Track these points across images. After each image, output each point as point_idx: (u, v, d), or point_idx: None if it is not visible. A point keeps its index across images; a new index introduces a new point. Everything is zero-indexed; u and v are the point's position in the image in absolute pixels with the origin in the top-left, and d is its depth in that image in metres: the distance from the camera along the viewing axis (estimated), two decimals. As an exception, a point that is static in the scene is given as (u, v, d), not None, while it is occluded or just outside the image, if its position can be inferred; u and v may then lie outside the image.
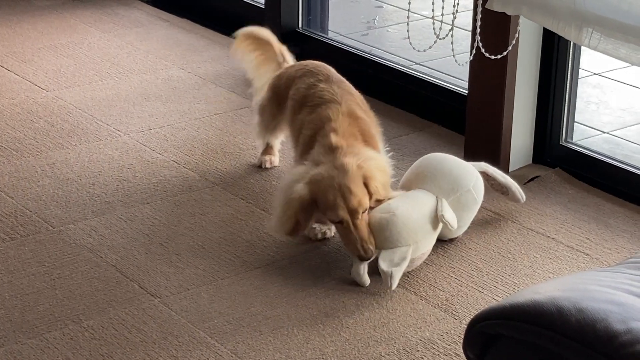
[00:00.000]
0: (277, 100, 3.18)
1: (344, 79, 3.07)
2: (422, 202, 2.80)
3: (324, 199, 2.71)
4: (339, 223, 2.72)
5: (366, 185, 2.73)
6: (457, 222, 2.84)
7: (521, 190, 3.08)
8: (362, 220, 2.70)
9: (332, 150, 2.78)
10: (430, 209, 2.79)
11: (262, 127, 3.27)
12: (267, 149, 3.34)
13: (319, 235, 2.95)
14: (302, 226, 2.77)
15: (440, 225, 2.81)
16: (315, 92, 2.98)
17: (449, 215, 2.80)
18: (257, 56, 3.39)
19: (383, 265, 2.69)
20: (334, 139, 2.80)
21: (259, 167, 3.33)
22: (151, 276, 2.78)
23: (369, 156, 2.79)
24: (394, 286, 2.69)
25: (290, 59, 3.35)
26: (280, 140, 3.35)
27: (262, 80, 3.35)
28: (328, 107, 2.90)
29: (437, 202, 2.82)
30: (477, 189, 2.92)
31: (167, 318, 2.61)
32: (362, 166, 2.73)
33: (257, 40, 3.39)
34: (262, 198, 3.17)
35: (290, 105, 3.08)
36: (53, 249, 2.89)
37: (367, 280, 2.73)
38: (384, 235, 2.72)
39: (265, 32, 3.39)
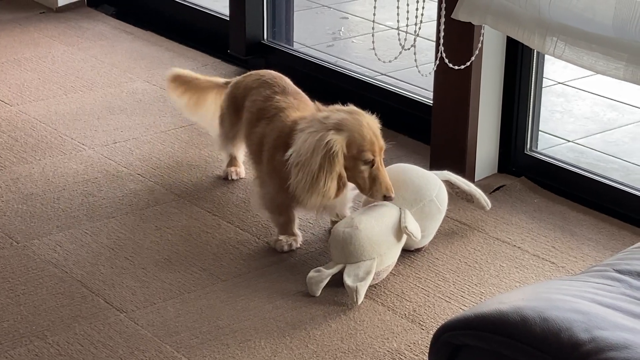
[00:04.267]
0: (234, 109, 3.16)
1: (300, 91, 3.07)
2: (385, 214, 2.80)
3: (361, 140, 2.71)
4: (368, 164, 2.73)
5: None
6: (421, 232, 2.84)
7: (486, 197, 3.09)
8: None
9: (323, 116, 2.78)
10: (393, 221, 2.79)
11: (223, 137, 3.26)
12: (232, 161, 3.33)
13: (285, 248, 2.94)
14: (344, 181, 2.75)
15: (405, 236, 2.82)
16: (272, 104, 2.98)
17: (412, 226, 2.80)
18: (190, 99, 3.36)
19: (348, 280, 2.69)
20: (315, 112, 2.83)
21: (225, 179, 3.32)
22: (117, 291, 2.76)
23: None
24: (360, 301, 2.69)
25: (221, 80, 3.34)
26: (243, 151, 3.32)
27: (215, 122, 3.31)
28: (285, 113, 2.90)
29: (401, 213, 2.82)
30: (440, 198, 2.93)
31: (133, 333, 2.59)
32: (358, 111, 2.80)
33: (183, 82, 3.36)
34: (229, 210, 3.16)
35: (246, 118, 3.06)
36: (17, 265, 2.87)
37: (318, 291, 2.74)
38: (348, 250, 2.72)
39: (186, 72, 3.39)
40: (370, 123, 2.77)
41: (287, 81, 3.09)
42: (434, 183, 2.93)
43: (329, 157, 2.69)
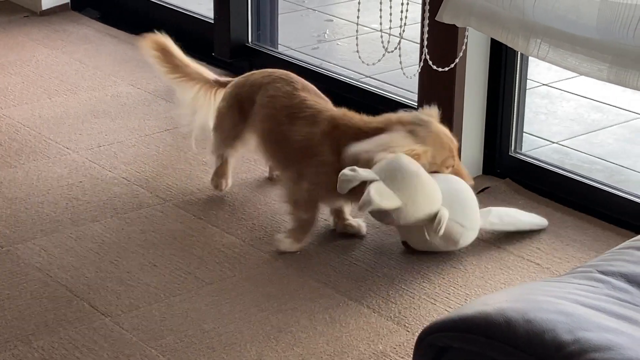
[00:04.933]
0: (238, 108, 3.14)
1: (316, 89, 3.09)
2: (453, 185, 2.93)
3: (442, 153, 2.90)
4: (450, 167, 2.93)
5: None
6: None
7: (537, 221, 3.11)
8: None
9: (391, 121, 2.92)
10: (447, 198, 2.89)
11: (220, 138, 3.20)
12: (222, 168, 3.24)
13: (287, 249, 2.97)
14: None
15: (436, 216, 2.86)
16: (303, 102, 2.99)
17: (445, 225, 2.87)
18: (177, 79, 3.33)
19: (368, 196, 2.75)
20: (376, 118, 2.95)
21: (216, 187, 3.25)
22: (102, 295, 2.75)
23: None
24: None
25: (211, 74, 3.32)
26: (238, 156, 3.29)
27: (202, 111, 3.30)
28: (328, 115, 2.96)
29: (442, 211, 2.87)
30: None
31: (118, 337, 2.58)
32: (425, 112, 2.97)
33: (167, 55, 3.33)
34: (214, 213, 3.16)
35: (264, 114, 3.04)
36: (1, 269, 2.86)
37: (346, 189, 2.78)
38: (393, 173, 2.78)
39: (173, 47, 3.34)
40: (444, 130, 2.94)
41: (300, 78, 3.10)
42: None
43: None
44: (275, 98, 3.02)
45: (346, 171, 2.76)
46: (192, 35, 4.43)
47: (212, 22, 4.27)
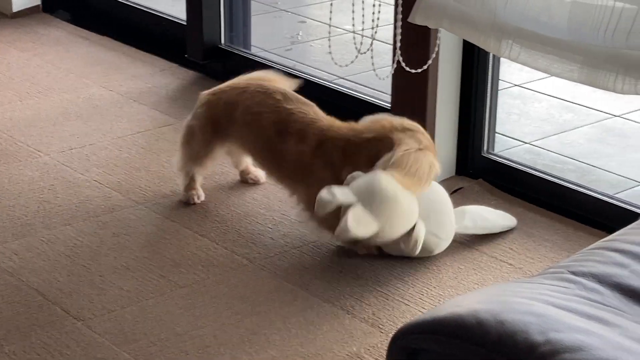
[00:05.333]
0: (212, 128, 3.09)
1: (294, 94, 3.06)
2: (436, 204, 2.94)
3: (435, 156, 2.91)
4: None
5: None
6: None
7: (506, 221, 3.12)
8: None
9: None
10: (423, 211, 2.89)
11: (188, 157, 3.16)
12: (191, 183, 3.20)
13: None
14: None
15: (412, 231, 2.86)
16: (289, 116, 2.94)
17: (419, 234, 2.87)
18: None
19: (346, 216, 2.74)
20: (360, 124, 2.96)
21: (187, 203, 3.19)
22: (74, 299, 2.74)
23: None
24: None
25: None
26: (206, 173, 3.26)
27: None
28: (318, 126, 2.93)
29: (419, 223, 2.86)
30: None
31: (91, 341, 2.57)
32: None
33: None
34: (187, 216, 3.15)
35: (252, 132, 3.00)
36: (-27, 274, 2.84)
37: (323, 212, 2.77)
38: (371, 192, 2.77)
39: None
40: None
41: (277, 84, 3.07)
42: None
43: (430, 167, 2.87)
44: (261, 115, 2.98)
45: (323, 194, 2.72)
46: (164, 37, 4.42)
47: (185, 23, 4.26)
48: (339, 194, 2.72)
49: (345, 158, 2.87)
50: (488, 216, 3.06)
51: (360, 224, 2.72)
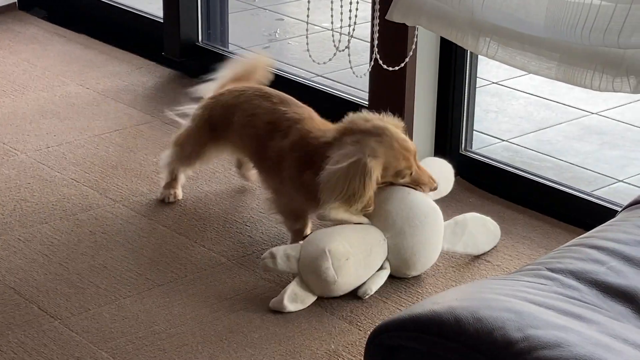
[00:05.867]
0: (209, 131, 3.07)
1: (294, 100, 3.01)
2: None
3: (396, 164, 2.73)
4: (408, 177, 2.77)
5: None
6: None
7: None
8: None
9: (348, 129, 2.79)
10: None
11: (178, 157, 3.14)
12: (173, 182, 3.19)
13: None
14: (372, 201, 2.73)
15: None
16: (282, 116, 2.91)
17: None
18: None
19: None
20: (336, 124, 2.85)
21: (162, 201, 3.19)
22: (51, 297, 2.72)
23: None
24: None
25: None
26: (191, 173, 3.26)
27: None
28: (301, 125, 2.88)
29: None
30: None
31: (68, 339, 2.56)
32: (388, 120, 2.81)
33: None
34: (165, 214, 3.14)
35: (247, 134, 2.98)
36: (-52, 273, 2.82)
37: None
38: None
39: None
40: (398, 138, 2.74)
41: (278, 92, 3.01)
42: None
43: (364, 181, 2.67)
44: (256, 116, 2.95)
45: (266, 258, 2.70)
46: (141, 35, 4.41)
47: (162, 21, 4.24)
48: (280, 261, 2.69)
49: (307, 161, 2.81)
50: (479, 242, 2.95)
51: (297, 301, 2.70)
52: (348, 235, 2.71)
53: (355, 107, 3.64)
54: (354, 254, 2.69)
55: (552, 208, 3.18)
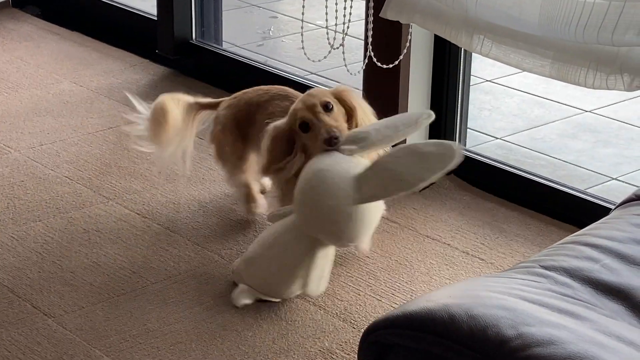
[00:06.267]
0: (235, 128, 2.99)
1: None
2: None
3: (291, 113, 2.67)
4: (306, 128, 2.64)
5: (339, 100, 2.69)
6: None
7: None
8: (330, 117, 2.62)
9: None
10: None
11: (229, 166, 3.02)
12: (249, 195, 3.03)
13: None
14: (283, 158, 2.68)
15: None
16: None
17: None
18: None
19: None
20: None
21: (248, 214, 3.04)
22: (44, 295, 2.72)
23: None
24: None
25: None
26: (257, 178, 3.05)
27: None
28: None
29: None
30: None
31: (62, 337, 2.55)
32: (336, 89, 2.73)
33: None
34: (158, 212, 3.14)
35: (264, 132, 2.86)
36: (-59, 271, 2.81)
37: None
38: None
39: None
40: (304, 95, 2.71)
41: (297, 92, 2.94)
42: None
43: (266, 143, 2.74)
44: (274, 115, 2.89)
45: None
46: (135, 33, 4.40)
47: (156, 19, 4.23)
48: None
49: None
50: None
51: (240, 299, 2.70)
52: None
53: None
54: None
55: (545, 206, 3.18)
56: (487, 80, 4.25)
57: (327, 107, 2.66)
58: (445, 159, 2.50)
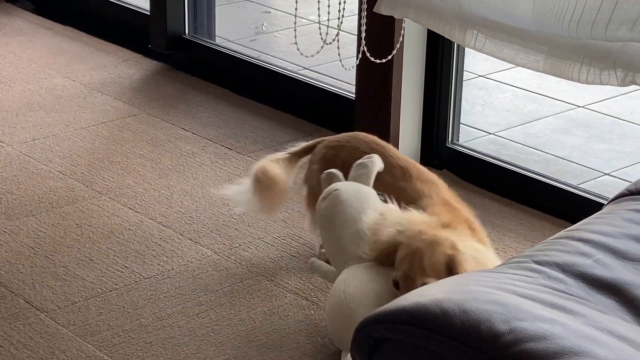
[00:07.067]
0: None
1: (422, 168, 2.79)
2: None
3: (397, 255, 2.39)
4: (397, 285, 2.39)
5: (450, 269, 2.35)
6: None
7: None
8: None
9: (442, 224, 2.46)
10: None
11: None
12: None
13: None
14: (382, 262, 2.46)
15: None
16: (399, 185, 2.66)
17: None
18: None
19: None
20: (443, 217, 2.50)
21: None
22: (37, 290, 2.72)
23: (475, 247, 2.43)
24: None
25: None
26: None
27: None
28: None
29: None
30: None
31: (54, 332, 2.55)
32: (456, 249, 2.36)
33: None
34: (151, 207, 3.13)
35: None
36: None
37: None
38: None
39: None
40: (419, 250, 2.37)
41: (384, 143, 2.79)
42: None
43: (376, 240, 2.47)
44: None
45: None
46: (128, 27, 4.39)
47: (149, 13, 4.23)
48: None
49: None
50: None
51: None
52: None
53: (343, 100, 3.64)
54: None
55: (538, 201, 3.19)
56: (480, 76, 4.25)
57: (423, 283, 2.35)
58: None
